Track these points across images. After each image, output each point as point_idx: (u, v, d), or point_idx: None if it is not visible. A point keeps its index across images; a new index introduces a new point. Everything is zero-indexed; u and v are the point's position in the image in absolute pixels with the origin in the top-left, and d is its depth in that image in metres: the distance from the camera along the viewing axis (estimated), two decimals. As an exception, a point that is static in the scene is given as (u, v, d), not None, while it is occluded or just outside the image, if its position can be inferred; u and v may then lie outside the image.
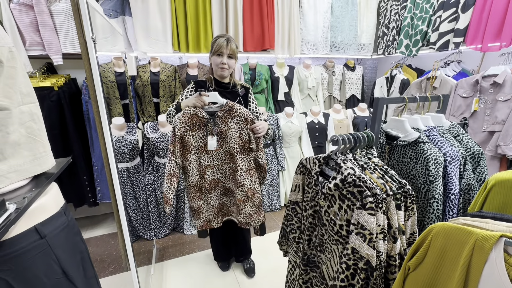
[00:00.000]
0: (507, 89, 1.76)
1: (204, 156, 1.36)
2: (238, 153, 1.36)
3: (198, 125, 1.30)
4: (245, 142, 1.36)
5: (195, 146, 1.33)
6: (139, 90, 2.22)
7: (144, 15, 2.01)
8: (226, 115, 1.32)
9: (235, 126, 1.33)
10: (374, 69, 3.63)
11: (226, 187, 1.46)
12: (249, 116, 1.33)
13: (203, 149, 1.35)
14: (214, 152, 1.37)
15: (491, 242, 0.47)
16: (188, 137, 1.30)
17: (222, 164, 1.41)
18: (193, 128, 1.30)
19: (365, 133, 0.92)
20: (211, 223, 1.52)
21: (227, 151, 1.37)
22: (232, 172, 1.42)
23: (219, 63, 1.33)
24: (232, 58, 1.35)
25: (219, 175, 1.42)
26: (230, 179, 1.44)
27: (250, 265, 1.82)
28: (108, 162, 0.98)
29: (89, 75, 0.90)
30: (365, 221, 0.74)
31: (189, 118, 1.28)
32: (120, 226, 1.05)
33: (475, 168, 0.94)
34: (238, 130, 1.33)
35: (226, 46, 1.30)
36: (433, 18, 2.30)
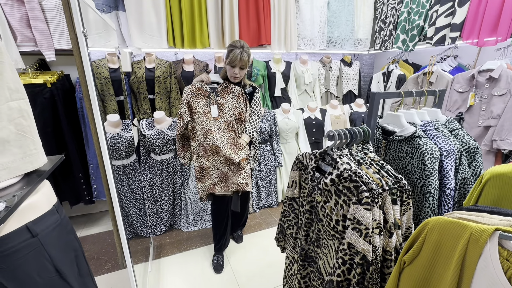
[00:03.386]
0: (503, 84, 1.77)
1: (207, 121, 1.59)
2: (235, 122, 1.65)
3: (202, 95, 1.59)
4: (239, 113, 1.65)
5: (199, 111, 1.58)
6: (134, 87, 2.19)
7: (138, 10, 1.98)
8: (224, 91, 1.62)
9: (231, 100, 1.62)
10: (371, 64, 3.62)
11: (225, 155, 1.60)
12: (242, 93, 1.64)
13: (205, 115, 1.59)
14: (215, 120, 1.60)
15: (486, 235, 0.47)
16: (193, 103, 1.58)
17: (221, 132, 1.62)
18: (198, 97, 1.58)
19: (361, 128, 0.92)
20: (215, 186, 1.66)
21: (225, 121, 1.62)
22: (231, 141, 1.64)
23: (232, 73, 1.58)
24: (244, 68, 1.59)
25: (218, 142, 1.59)
26: (228, 148, 1.61)
27: (239, 234, 2.11)
28: (102, 159, 0.96)
29: (80, 71, 0.88)
30: (361, 216, 0.74)
31: (196, 89, 1.59)
32: (116, 224, 1.04)
33: (471, 163, 0.94)
34: (234, 103, 1.62)
35: (240, 60, 1.53)
36: (429, 12, 2.29)
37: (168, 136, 2.05)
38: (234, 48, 1.53)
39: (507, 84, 1.75)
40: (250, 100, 1.71)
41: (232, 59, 1.52)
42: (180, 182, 2.18)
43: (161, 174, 2.12)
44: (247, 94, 1.69)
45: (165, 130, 2.06)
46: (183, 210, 2.25)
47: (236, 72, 1.57)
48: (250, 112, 1.71)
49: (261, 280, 1.70)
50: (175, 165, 2.15)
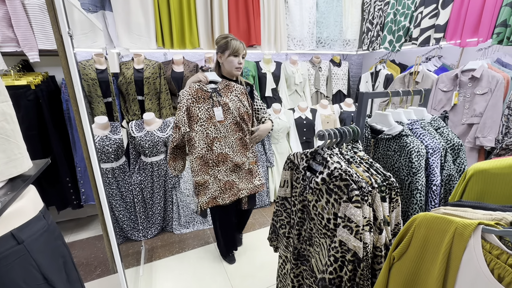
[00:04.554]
0: (484, 83, 1.84)
1: (211, 127, 1.44)
2: (242, 122, 1.50)
3: (203, 98, 1.42)
4: (243, 113, 1.50)
5: (201, 118, 1.42)
6: (122, 88, 2.15)
7: (125, 10, 1.94)
8: (226, 89, 1.48)
9: (234, 99, 1.48)
10: (359, 64, 3.69)
11: (234, 162, 1.50)
12: (244, 91, 1.52)
13: (209, 121, 1.43)
14: (220, 124, 1.46)
15: (470, 229, 0.49)
16: (194, 109, 1.40)
17: (228, 136, 1.48)
18: (199, 101, 1.41)
19: (351, 127, 0.93)
20: (216, 199, 1.52)
21: (232, 121, 1.48)
22: (239, 142, 1.51)
23: (237, 63, 1.46)
24: (244, 58, 1.50)
25: (227, 148, 1.47)
26: (238, 152, 1.50)
27: (239, 236, 2.05)
28: (91, 163, 0.94)
29: (66, 73, 0.86)
30: (352, 214, 0.76)
31: (195, 91, 1.41)
32: (105, 228, 1.02)
33: (455, 159, 0.98)
34: (237, 101, 1.48)
35: (243, 47, 1.44)
36: (414, 14, 2.36)
37: (158, 138, 2.02)
38: (229, 38, 1.44)
39: (488, 83, 1.82)
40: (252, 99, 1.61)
41: (235, 48, 1.42)
42: (171, 184, 2.16)
43: (151, 176, 2.09)
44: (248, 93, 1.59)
45: (155, 132, 2.03)
46: (175, 212, 2.23)
47: (241, 62, 1.47)
48: (258, 107, 1.63)
49: (254, 281, 1.70)
50: (166, 166, 2.12)
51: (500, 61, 2.00)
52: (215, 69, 1.56)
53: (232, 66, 1.47)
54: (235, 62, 1.46)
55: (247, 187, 1.57)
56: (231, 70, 1.49)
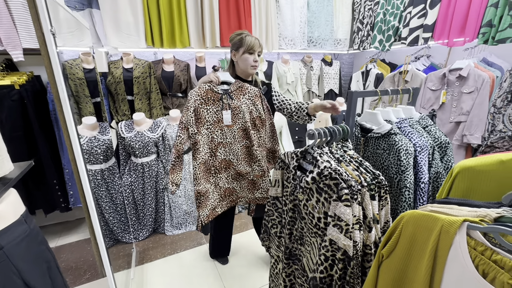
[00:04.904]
0: (471, 82, 1.88)
1: (218, 132, 1.36)
2: (251, 129, 1.38)
3: (213, 99, 1.33)
4: (255, 118, 1.39)
5: (208, 120, 1.34)
6: (111, 88, 2.11)
7: (113, 8, 1.91)
8: (238, 91, 1.37)
9: (247, 102, 1.37)
10: (350, 64, 3.72)
11: (237, 170, 1.42)
12: (259, 94, 1.40)
13: (216, 124, 1.35)
14: (228, 129, 1.37)
15: (455, 227, 0.50)
16: (202, 111, 1.32)
17: (234, 142, 1.39)
18: (208, 103, 1.33)
19: (341, 126, 0.93)
20: (216, 209, 1.45)
21: (241, 127, 1.38)
22: (245, 150, 1.42)
23: (252, 61, 1.36)
24: (260, 55, 1.40)
25: (231, 155, 1.40)
26: (242, 161, 1.42)
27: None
28: (76, 164, 0.92)
29: (49, 72, 0.83)
30: (341, 213, 0.76)
31: (205, 92, 1.32)
32: (93, 231, 1.00)
33: (443, 157, 0.99)
34: (250, 105, 1.37)
35: (258, 44, 1.35)
36: (403, 14, 2.39)
37: (148, 138, 1.99)
38: (243, 34, 1.35)
39: (475, 82, 1.86)
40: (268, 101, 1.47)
41: (250, 44, 1.32)
42: (163, 185, 2.13)
43: (142, 177, 2.06)
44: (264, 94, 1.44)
45: (146, 132, 2.00)
46: (166, 213, 2.20)
47: (256, 60, 1.37)
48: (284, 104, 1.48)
49: (247, 281, 1.69)
50: (157, 167, 2.09)
51: (485, 60, 2.05)
52: (228, 69, 1.48)
53: (247, 65, 1.38)
54: (250, 60, 1.36)
55: (246, 196, 1.50)
56: (246, 68, 1.40)
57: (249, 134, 1.38)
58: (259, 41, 1.37)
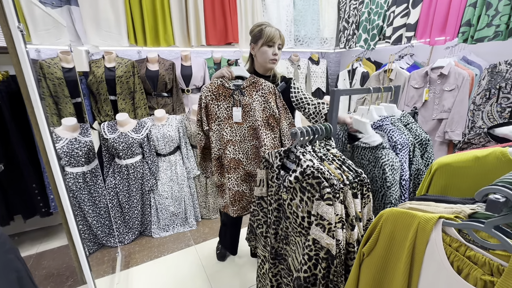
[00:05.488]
0: (452, 80, 1.93)
1: (227, 129, 1.32)
2: (262, 128, 1.30)
3: (224, 95, 1.29)
4: (269, 117, 1.31)
5: (219, 116, 1.31)
6: (93, 87, 2.04)
7: (92, 5, 1.84)
8: (251, 87, 1.30)
9: (260, 99, 1.30)
10: (337, 62, 3.76)
11: (247, 171, 1.37)
12: (274, 90, 1.31)
13: (226, 121, 1.31)
14: (238, 127, 1.32)
15: (431, 223, 0.50)
16: (213, 107, 1.30)
17: (244, 141, 1.34)
18: (219, 98, 1.29)
19: (323, 125, 0.93)
20: (228, 208, 1.43)
21: (251, 126, 1.32)
22: (255, 150, 1.35)
23: (271, 54, 1.26)
24: (281, 48, 1.30)
25: (240, 154, 1.34)
26: (252, 161, 1.36)
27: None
28: (51, 167, 0.88)
29: (18, 70, 0.79)
30: (324, 212, 0.76)
31: (216, 87, 1.29)
32: (71, 236, 0.96)
33: (423, 154, 1.01)
34: (263, 103, 1.30)
35: (279, 36, 1.25)
36: (387, 13, 2.43)
37: (132, 139, 1.94)
38: (263, 25, 1.25)
39: (455, 80, 1.91)
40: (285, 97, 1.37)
41: (269, 36, 1.22)
42: (148, 186, 2.09)
43: (127, 179, 2.01)
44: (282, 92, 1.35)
45: (129, 133, 1.95)
46: (153, 215, 2.16)
47: (276, 52, 1.27)
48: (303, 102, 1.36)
49: (235, 281, 1.68)
50: (143, 169, 2.04)
51: (465, 59, 2.11)
52: (247, 63, 1.41)
53: (265, 58, 1.28)
54: (269, 53, 1.26)
55: None
56: (265, 62, 1.29)
57: (259, 134, 1.31)
58: (280, 32, 1.27)
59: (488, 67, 1.76)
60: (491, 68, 1.74)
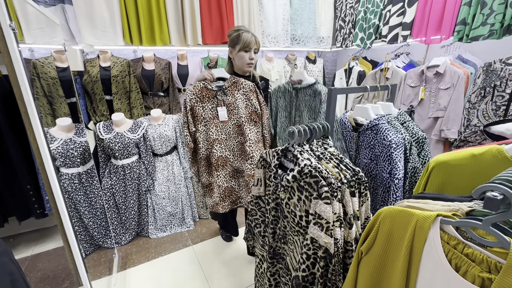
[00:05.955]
0: (447, 78, 1.94)
1: (213, 128, 1.39)
2: (246, 123, 1.39)
3: (208, 97, 1.36)
4: (251, 113, 1.40)
5: (205, 117, 1.38)
6: (88, 87, 2.02)
7: (87, 3, 1.81)
8: (233, 87, 1.38)
9: (241, 97, 1.38)
10: (334, 61, 3.76)
11: (234, 167, 1.45)
12: (254, 88, 1.40)
13: (212, 121, 1.38)
14: (223, 125, 1.40)
15: (429, 222, 0.50)
16: (198, 108, 1.37)
17: (229, 138, 1.42)
18: (203, 100, 1.37)
19: (321, 123, 0.93)
20: (218, 206, 1.49)
21: (235, 123, 1.40)
22: (241, 146, 1.43)
23: (248, 59, 1.37)
24: (257, 52, 1.40)
25: (227, 152, 1.42)
26: (238, 157, 1.44)
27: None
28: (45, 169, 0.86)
29: (10, 70, 0.77)
30: (322, 211, 0.76)
31: (199, 90, 1.36)
32: (66, 238, 0.95)
33: (420, 152, 1.02)
34: (245, 100, 1.38)
35: (255, 41, 1.34)
36: (383, 12, 2.43)
37: (129, 140, 1.92)
38: (240, 30, 1.34)
39: (451, 78, 1.92)
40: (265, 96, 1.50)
41: (246, 42, 1.31)
42: (145, 187, 2.07)
43: (124, 180, 1.99)
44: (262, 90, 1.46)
45: (126, 133, 1.93)
46: (150, 216, 2.14)
47: (252, 57, 1.37)
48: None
49: (233, 281, 1.68)
50: (139, 169, 2.03)
51: (461, 58, 2.12)
52: (227, 65, 1.49)
53: (243, 62, 1.38)
54: (246, 57, 1.36)
55: (245, 197, 1.50)
56: (243, 66, 1.40)
57: (244, 130, 1.39)
58: (256, 38, 1.35)
59: (483, 66, 1.78)
60: (486, 66, 1.76)
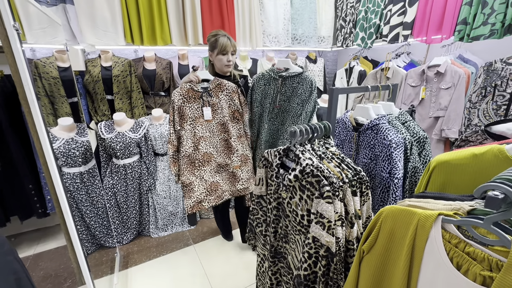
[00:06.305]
0: (448, 78, 1.94)
1: (199, 126, 1.48)
2: (230, 122, 1.53)
3: (194, 97, 1.46)
4: (234, 112, 1.54)
5: (191, 117, 1.47)
6: (89, 87, 2.03)
7: (88, 3, 1.82)
8: (217, 89, 1.50)
9: (225, 98, 1.51)
10: (334, 61, 3.76)
11: (218, 162, 1.56)
12: (236, 90, 1.52)
13: (197, 120, 1.48)
14: (207, 124, 1.50)
15: (431, 220, 0.51)
16: (185, 108, 1.46)
17: (213, 136, 1.52)
18: (190, 101, 1.46)
19: (322, 123, 0.94)
20: (202, 203, 1.55)
21: (219, 122, 1.52)
22: (224, 143, 1.55)
23: (225, 61, 1.49)
24: (234, 54, 1.52)
25: (211, 148, 1.52)
26: (221, 152, 1.56)
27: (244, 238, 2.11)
28: (48, 168, 0.87)
29: (14, 70, 0.78)
30: (323, 210, 0.76)
31: (186, 91, 1.45)
32: (69, 237, 0.95)
33: (421, 152, 1.02)
34: (228, 100, 1.51)
35: (230, 45, 1.46)
36: (384, 11, 2.43)
37: (130, 139, 1.93)
38: (218, 36, 1.46)
39: (452, 78, 1.92)
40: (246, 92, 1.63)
41: (222, 46, 1.44)
42: (146, 186, 2.08)
43: (125, 179, 2.00)
44: (243, 87, 1.60)
45: (127, 133, 1.94)
46: (151, 215, 2.15)
47: (230, 59, 1.50)
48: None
49: (235, 280, 1.68)
50: (140, 168, 2.03)
51: (461, 57, 2.12)
52: (208, 67, 1.59)
53: (222, 64, 1.51)
54: (224, 60, 1.49)
55: (229, 189, 1.60)
56: (222, 67, 1.52)
57: (227, 127, 1.52)
58: (231, 41, 1.47)
59: (484, 65, 1.78)
60: (487, 66, 1.76)
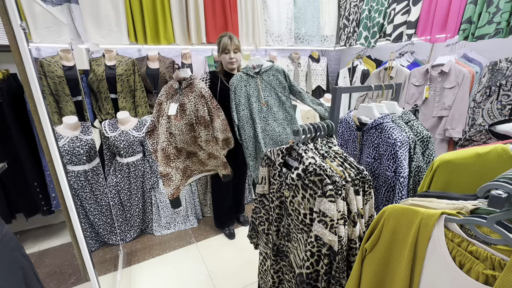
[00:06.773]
0: (452, 77, 1.93)
1: (170, 123, 1.55)
2: (196, 125, 1.57)
3: (172, 95, 1.55)
4: (200, 117, 1.55)
5: (166, 112, 1.54)
6: (93, 86, 2.04)
7: (93, 3, 1.83)
8: (188, 89, 1.54)
9: (193, 100, 1.54)
10: (337, 60, 3.75)
11: (187, 150, 1.64)
12: (206, 93, 1.55)
13: (170, 117, 1.54)
14: (177, 122, 1.54)
15: (434, 219, 0.51)
16: (165, 104, 1.55)
17: (183, 134, 1.57)
18: (169, 97, 1.56)
19: (325, 122, 0.94)
20: (179, 188, 1.66)
21: (187, 123, 1.56)
22: (194, 139, 1.62)
23: (228, 59, 1.60)
24: (237, 52, 1.62)
25: (182, 144, 1.59)
26: (191, 145, 1.63)
27: (245, 218, 2.27)
28: (54, 166, 0.88)
29: (21, 69, 0.79)
30: (326, 209, 0.76)
31: (169, 88, 1.56)
32: (74, 234, 0.97)
33: (424, 151, 1.02)
34: (195, 104, 1.54)
35: (231, 43, 1.55)
36: (388, 10, 2.42)
37: (134, 138, 1.94)
38: (221, 37, 1.59)
39: (456, 77, 1.91)
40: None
41: (223, 46, 1.55)
42: (149, 184, 2.09)
43: (128, 177, 2.01)
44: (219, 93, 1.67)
45: (130, 131, 1.95)
46: (154, 213, 2.17)
47: (232, 57, 1.59)
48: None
49: (237, 278, 1.69)
50: (144, 167, 2.05)
51: (466, 56, 2.11)
52: (218, 66, 1.73)
53: (226, 62, 1.63)
54: (226, 58, 1.61)
55: (198, 169, 1.73)
56: (226, 65, 1.65)
57: (195, 128, 1.58)
58: (231, 39, 1.56)
59: (489, 65, 1.76)
60: (492, 65, 1.74)
